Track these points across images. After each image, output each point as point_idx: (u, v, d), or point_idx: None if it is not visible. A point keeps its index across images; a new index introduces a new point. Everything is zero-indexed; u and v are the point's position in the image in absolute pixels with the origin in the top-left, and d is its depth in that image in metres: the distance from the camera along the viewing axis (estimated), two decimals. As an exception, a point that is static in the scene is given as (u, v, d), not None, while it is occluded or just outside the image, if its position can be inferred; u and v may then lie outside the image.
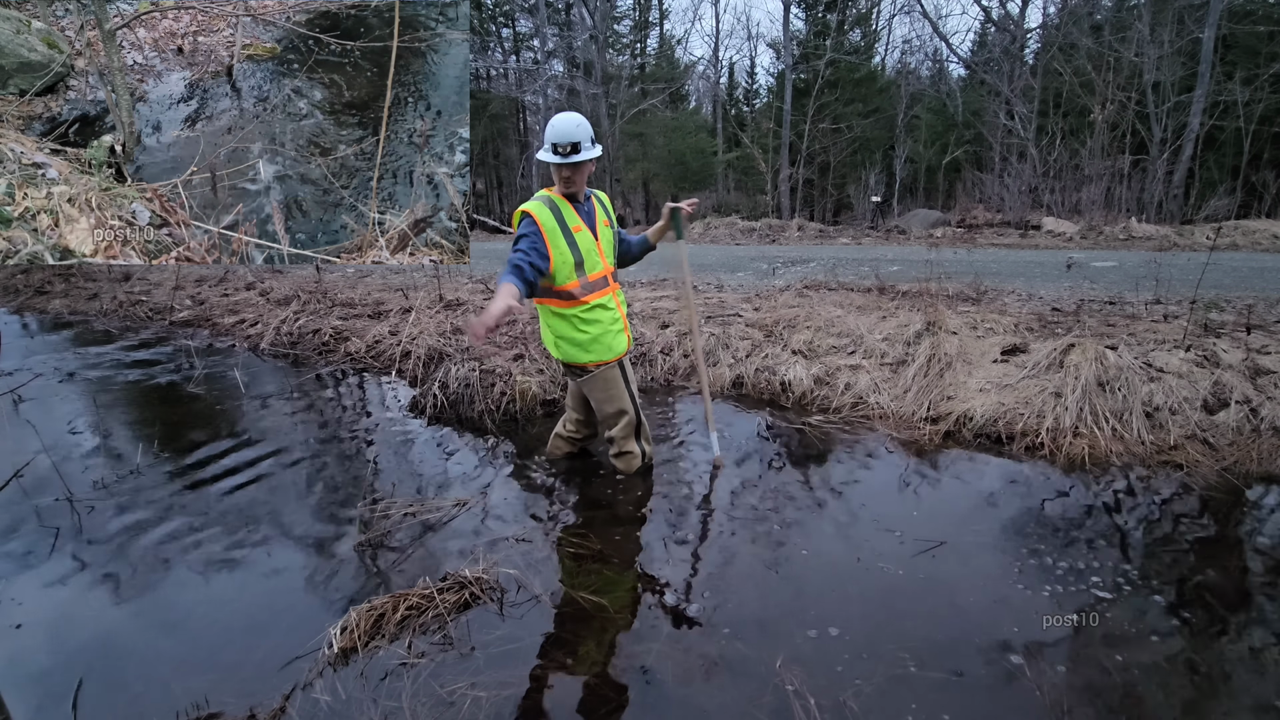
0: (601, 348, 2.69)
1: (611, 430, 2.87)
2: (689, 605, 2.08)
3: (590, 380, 2.75)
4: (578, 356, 2.69)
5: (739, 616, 2.01)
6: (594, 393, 2.79)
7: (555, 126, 2.46)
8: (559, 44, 21.57)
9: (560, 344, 2.71)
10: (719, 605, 2.07)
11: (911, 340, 4.14)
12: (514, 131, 24.70)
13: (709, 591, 2.15)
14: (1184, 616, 1.99)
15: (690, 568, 2.30)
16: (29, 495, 2.95)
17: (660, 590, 2.17)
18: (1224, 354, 3.53)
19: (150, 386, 4.72)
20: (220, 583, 2.30)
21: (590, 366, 2.71)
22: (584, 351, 2.68)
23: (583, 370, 2.74)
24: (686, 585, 2.19)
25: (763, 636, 1.92)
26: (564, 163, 2.48)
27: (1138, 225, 11.47)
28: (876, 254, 9.88)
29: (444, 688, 1.73)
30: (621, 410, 2.81)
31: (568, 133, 2.44)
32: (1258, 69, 12.96)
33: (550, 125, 2.48)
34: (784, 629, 1.95)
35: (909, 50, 22.67)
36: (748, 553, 2.38)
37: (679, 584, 2.20)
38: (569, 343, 2.68)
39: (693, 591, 2.16)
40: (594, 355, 2.69)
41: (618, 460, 2.94)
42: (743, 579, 2.22)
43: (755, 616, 2.01)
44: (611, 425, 2.85)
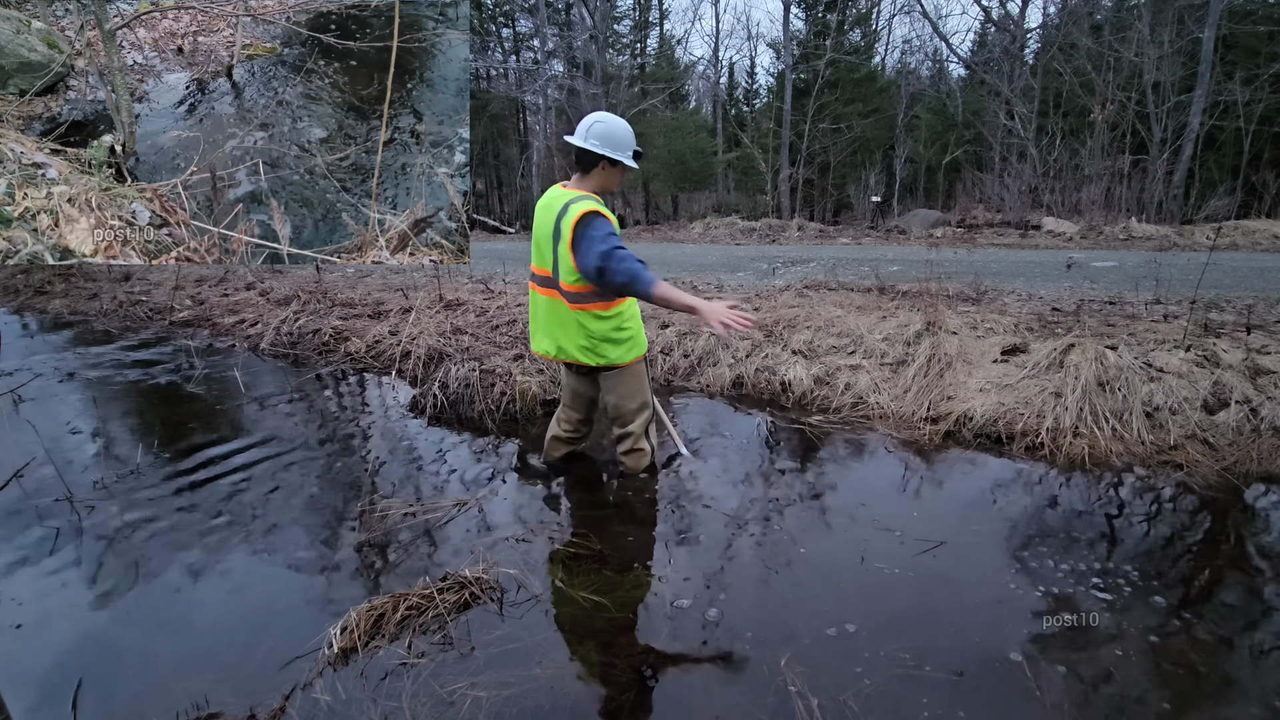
0: (638, 344, 2.69)
1: (630, 425, 2.80)
2: (689, 605, 2.08)
3: (620, 375, 2.70)
4: (621, 357, 2.63)
5: (739, 616, 2.01)
6: (620, 387, 2.73)
7: (629, 132, 2.54)
8: (559, 44, 21.57)
9: (599, 347, 2.60)
10: (719, 605, 2.07)
11: (911, 340, 4.13)
12: (514, 131, 24.69)
13: (709, 591, 2.15)
14: (1184, 617, 1.99)
15: (690, 568, 2.30)
16: (29, 495, 2.95)
17: (660, 590, 2.17)
18: (1224, 354, 3.52)
19: (150, 386, 4.72)
20: (220, 583, 2.29)
21: (630, 364, 2.69)
22: (626, 351, 2.64)
23: (612, 367, 2.68)
24: (686, 585, 2.19)
25: (763, 636, 1.92)
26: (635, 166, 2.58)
27: (1138, 225, 11.47)
28: (876, 254, 9.88)
29: (444, 688, 1.73)
30: (644, 403, 2.79)
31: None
32: (1258, 69, 12.97)
33: (624, 129, 2.52)
34: (784, 629, 1.95)
35: (909, 50, 22.73)
36: (747, 553, 2.38)
37: (679, 584, 2.20)
38: (611, 344, 2.61)
39: (693, 591, 2.15)
40: (635, 352, 2.67)
41: (627, 457, 2.87)
42: (742, 579, 2.22)
43: (755, 616, 2.01)
44: (631, 420, 2.79)
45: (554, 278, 2.57)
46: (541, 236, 2.59)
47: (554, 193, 2.60)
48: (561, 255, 2.48)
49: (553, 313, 2.63)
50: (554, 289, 2.59)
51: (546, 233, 2.55)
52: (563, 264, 2.50)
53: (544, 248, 2.58)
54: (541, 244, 2.59)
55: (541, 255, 2.61)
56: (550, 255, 2.55)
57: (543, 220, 2.58)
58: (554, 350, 2.68)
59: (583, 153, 2.51)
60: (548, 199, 2.60)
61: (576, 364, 2.68)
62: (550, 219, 2.52)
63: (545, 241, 2.57)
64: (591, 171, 2.54)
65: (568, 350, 2.64)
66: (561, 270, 2.52)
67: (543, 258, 2.60)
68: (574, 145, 2.52)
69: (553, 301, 2.61)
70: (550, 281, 2.60)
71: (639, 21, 23.92)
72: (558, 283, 2.56)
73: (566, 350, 2.64)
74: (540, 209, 2.61)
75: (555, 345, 2.66)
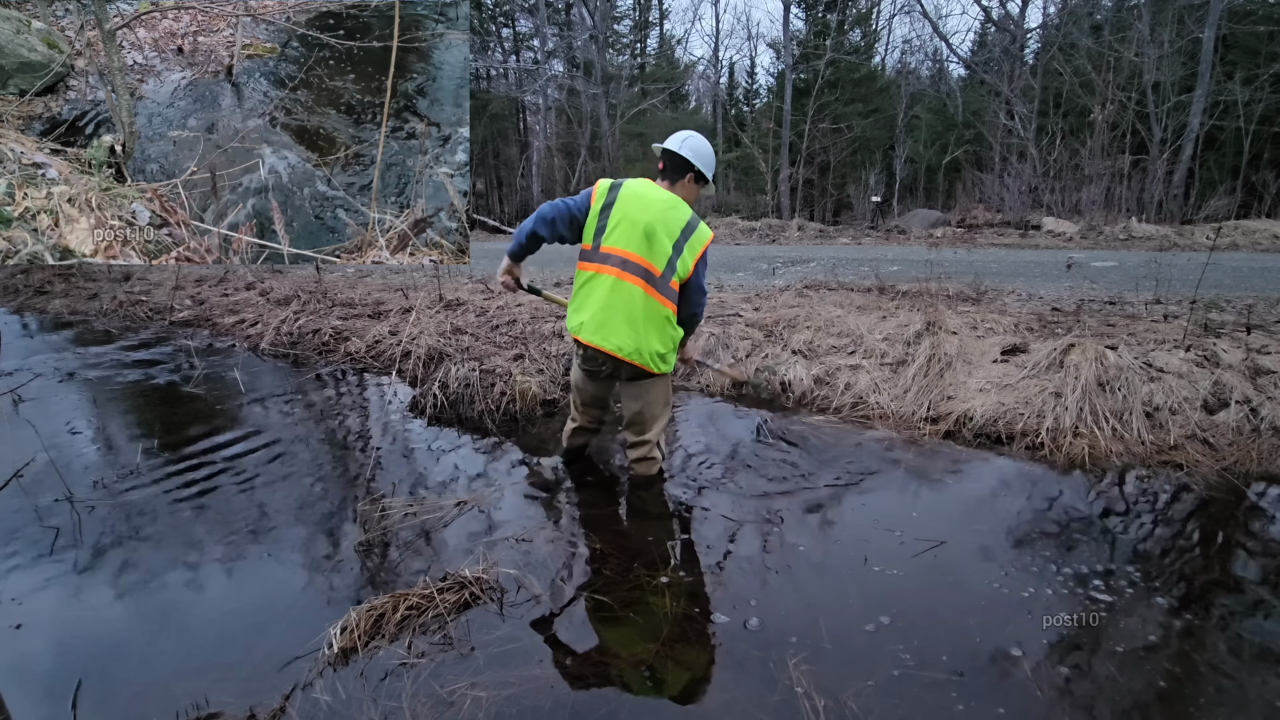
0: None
1: (648, 434, 2.75)
2: (689, 605, 2.08)
3: (655, 383, 2.66)
4: (668, 366, 2.61)
5: (739, 616, 2.01)
6: (650, 395, 2.66)
7: (713, 156, 2.61)
8: (559, 44, 21.57)
9: (669, 355, 2.57)
10: (719, 605, 2.07)
11: (911, 340, 4.13)
12: (514, 131, 24.69)
13: (709, 591, 2.15)
14: (1185, 617, 1.99)
15: (690, 567, 2.30)
16: (29, 495, 2.95)
17: (660, 590, 2.17)
18: (1224, 354, 3.53)
19: (150, 386, 4.72)
20: (220, 583, 2.29)
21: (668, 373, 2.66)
22: (672, 360, 2.62)
23: (651, 374, 2.60)
24: (686, 585, 2.19)
25: (763, 636, 1.92)
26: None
27: (1138, 225, 11.47)
28: (876, 254, 9.88)
29: (444, 688, 1.73)
30: (668, 413, 2.79)
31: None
32: (1258, 69, 12.97)
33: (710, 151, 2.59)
34: (784, 628, 1.95)
35: (909, 50, 22.75)
36: (747, 553, 2.38)
37: (679, 583, 2.20)
38: (671, 353, 2.60)
39: (693, 591, 2.15)
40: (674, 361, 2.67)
41: (640, 465, 2.82)
42: (742, 579, 2.22)
43: (755, 616, 2.01)
44: (650, 428, 2.74)
45: (661, 276, 2.44)
46: (662, 230, 2.43)
47: (658, 190, 2.51)
48: (683, 259, 2.45)
49: (647, 309, 2.45)
50: (654, 286, 2.44)
51: (671, 230, 2.44)
52: (680, 267, 2.46)
53: (662, 242, 2.43)
54: (658, 236, 2.43)
55: (653, 249, 2.43)
56: (668, 254, 2.44)
57: (659, 214, 2.44)
58: (632, 348, 2.46)
59: (676, 161, 2.52)
60: (655, 193, 2.49)
61: (625, 365, 2.53)
62: (673, 217, 2.45)
63: (667, 238, 2.44)
64: (679, 182, 2.55)
65: (644, 352, 2.47)
66: (677, 271, 2.46)
67: (651, 250, 2.43)
68: (669, 150, 2.53)
69: (648, 299, 2.45)
70: (651, 277, 2.44)
71: (639, 21, 23.93)
72: (664, 283, 2.44)
73: (643, 352, 2.47)
74: (642, 199, 2.46)
75: (637, 343, 2.46)
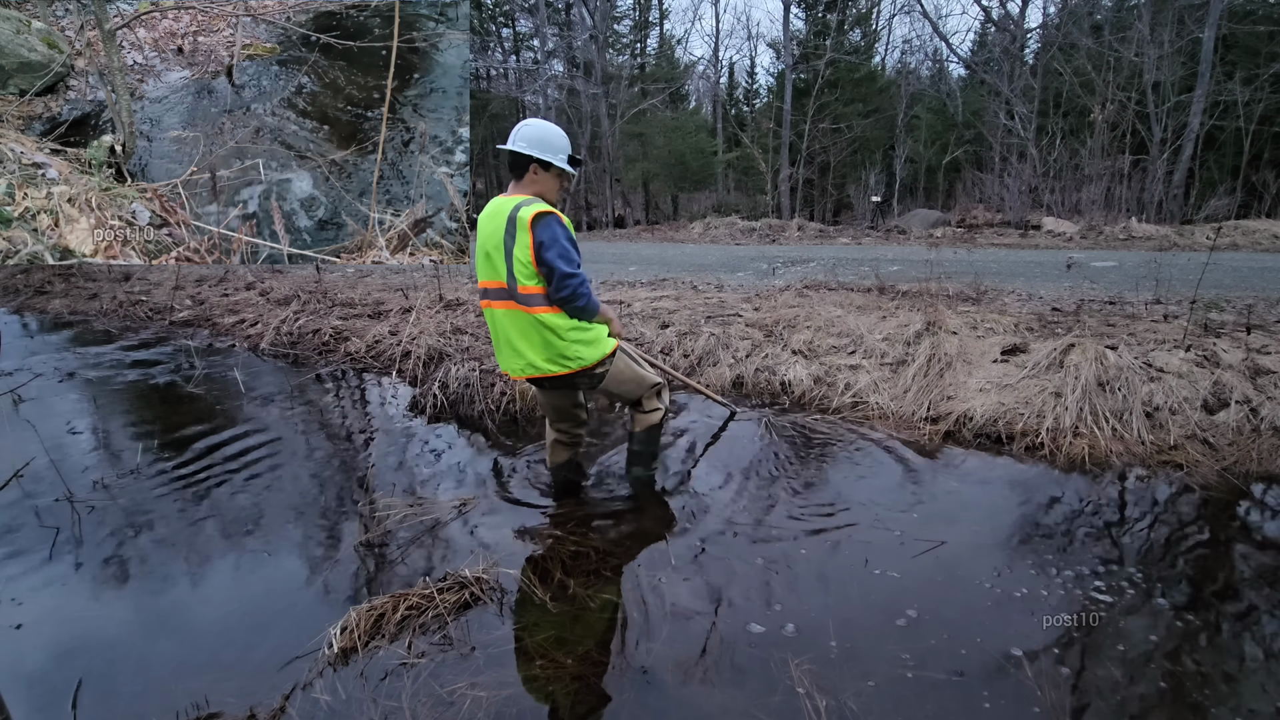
0: (604, 338, 2.59)
1: (633, 399, 2.75)
2: (689, 605, 2.08)
3: (604, 380, 2.62)
4: (595, 352, 2.52)
5: (739, 616, 2.01)
6: (616, 382, 2.64)
7: (563, 136, 2.46)
8: (559, 44, 21.56)
9: (571, 349, 2.47)
10: (719, 605, 2.07)
11: (911, 340, 4.13)
12: (514, 131, 24.66)
13: (709, 591, 2.15)
14: (1185, 617, 1.99)
15: (690, 567, 2.30)
16: (29, 495, 2.95)
17: (660, 590, 2.17)
18: (1224, 354, 3.52)
19: (150, 386, 4.72)
20: (220, 583, 2.30)
21: (606, 359, 2.58)
22: (597, 347, 2.53)
23: (594, 370, 2.57)
24: (687, 585, 2.19)
25: (763, 636, 1.92)
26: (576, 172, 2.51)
27: (1138, 225, 11.47)
28: (876, 254, 9.88)
29: (444, 688, 1.73)
30: (642, 381, 2.73)
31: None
32: (1258, 69, 12.97)
33: (555, 132, 2.43)
34: (784, 628, 1.95)
35: (909, 50, 22.75)
36: (747, 553, 2.38)
37: (679, 583, 2.20)
38: (583, 344, 2.49)
39: (693, 591, 2.15)
40: (606, 345, 2.57)
41: (641, 417, 2.78)
42: (742, 579, 2.22)
43: (755, 616, 2.01)
44: (630, 397, 2.74)
45: (509, 287, 2.41)
46: (490, 247, 2.42)
47: (496, 203, 2.46)
48: (517, 257, 2.36)
49: (514, 324, 2.46)
50: (510, 299, 2.43)
51: (496, 241, 2.39)
52: (518, 267, 2.37)
53: (494, 257, 2.42)
54: (491, 254, 2.43)
55: (492, 266, 2.44)
56: (503, 262, 2.39)
57: (490, 230, 2.42)
58: (522, 367, 2.50)
59: (514, 158, 2.44)
60: (491, 209, 2.45)
61: (549, 378, 2.52)
62: (498, 225, 2.39)
63: (495, 251, 2.41)
64: (524, 177, 2.46)
65: (536, 364, 2.47)
66: (518, 274, 2.38)
67: (493, 269, 2.43)
68: (505, 149, 2.43)
69: (511, 313, 2.45)
70: (505, 293, 2.43)
71: (639, 21, 23.92)
72: (514, 291, 2.40)
73: (535, 364, 2.47)
74: (484, 220, 2.47)
75: (523, 361, 2.49)
